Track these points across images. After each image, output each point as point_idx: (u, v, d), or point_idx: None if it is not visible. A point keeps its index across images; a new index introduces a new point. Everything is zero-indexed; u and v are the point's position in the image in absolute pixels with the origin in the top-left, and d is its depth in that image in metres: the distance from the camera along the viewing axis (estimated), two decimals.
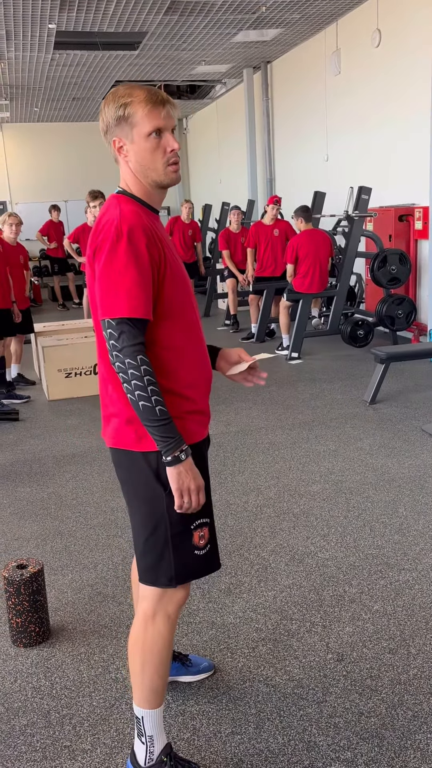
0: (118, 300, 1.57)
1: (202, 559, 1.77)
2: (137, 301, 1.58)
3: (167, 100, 1.68)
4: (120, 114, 1.65)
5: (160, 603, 1.78)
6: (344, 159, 8.84)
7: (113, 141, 1.70)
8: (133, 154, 1.68)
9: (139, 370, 1.57)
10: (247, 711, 2.15)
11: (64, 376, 5.96)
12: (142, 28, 8.39)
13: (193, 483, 1.66)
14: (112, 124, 1.68)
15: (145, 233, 1.61)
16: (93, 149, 15.28)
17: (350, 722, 2.08)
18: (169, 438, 1.61)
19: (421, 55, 6.84)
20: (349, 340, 7.02)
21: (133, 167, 1.70)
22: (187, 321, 1.73)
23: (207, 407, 1.81)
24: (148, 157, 1.67)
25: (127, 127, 1.66)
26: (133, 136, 1.66)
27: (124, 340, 1.57)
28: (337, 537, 3.23)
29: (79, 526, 3.51)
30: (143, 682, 1.79)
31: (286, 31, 8.90)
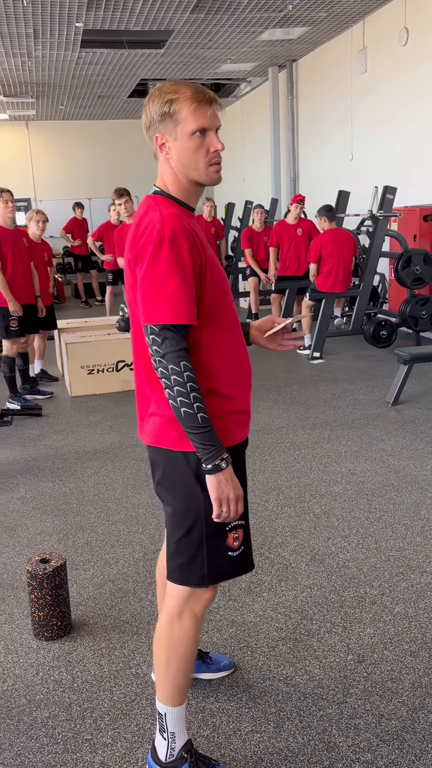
0: (161, 306, 1.56)
1: (234, 560, 1.77)
2: (180, 307, 1.57)
3: (214, 99, 1.65)
4: (165, 110, 1.62)
5: (188, 602, 1.78)
6: (369, 158, 8.78)
7: (155, 137, 1.67)
8: (175, 151, 1.65)
9: (182, 377, 1.56)
10: (266, 710, 2.16)
11: (86, 372, 5.99)
12: (168, 27, 8.41)
13: (233, 492, 1.64)
14: (156, 120, 1.64)
15: (186, 237, 1.60)
16: (117, 147, 15.36)
17: (371, 724, 2.08)
18: (209, 446, 1.59)
19: None
20: (371, 340, 6.98)
21: (174, 165, 1.67)
22: (227, 321, 1.72)
23: (248, 406, 1.81)
24: (191, 156, 1.64)
25: (171, 123, 1.63)
26: (177, 133, 1.63)
27: (167, 346, 1.57)
28: (358, 538, 3.22)
29: (100, 521, 3.54)
30: (167, 680, 1.80)
31: (312, 29, 8.86)
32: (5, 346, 5.57)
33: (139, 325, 1.66)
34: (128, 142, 15.41)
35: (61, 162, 15.25)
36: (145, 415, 1.79)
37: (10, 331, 5.47)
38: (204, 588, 1.77)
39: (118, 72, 10.75)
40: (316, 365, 6.71)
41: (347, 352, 7.19)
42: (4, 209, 5.32)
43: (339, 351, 7.26)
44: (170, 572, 1.78)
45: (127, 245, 1.68)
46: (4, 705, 2.23)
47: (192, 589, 1.77)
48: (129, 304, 1.74)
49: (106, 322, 7.11)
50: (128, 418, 5.30)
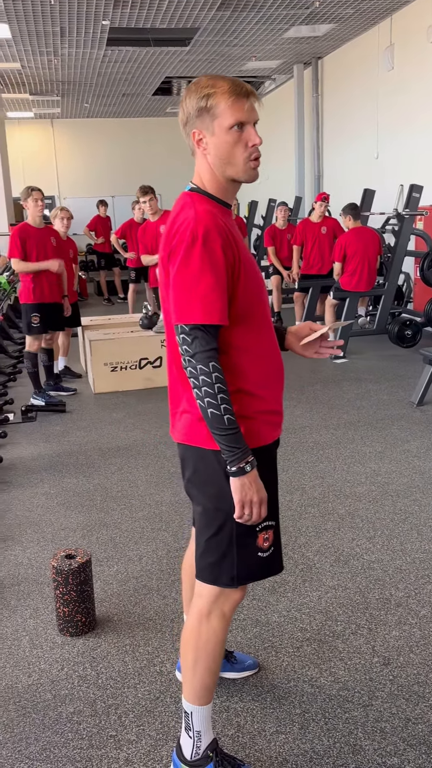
0: (192, 305, 1.55)
1: (264, 561, 1.75)
2: (212, 307, 1.56)
3: (251, 92, 1.62)
4: (202, 105, 1.60)
5: (216, 602, 1.77)
6: (395, 156, 8.70)
7: (193, 133, 1.65)
8: (212, 147, 1.63)
9: (210, 377, 1.55)
10: (291, 710, 2.15)
11: (110, 369, 6.02)
12: (194, 24, 8.40)
13: (256, 496, 1.62)
14: (193, 115, 1.62)
15: (220, 235, 1.57)
16: (141, 145, 15.40)
17: (397, 728, 2.06)
18: (235, 448, 1.58)
19: None
20: (396, 340, 6.92)
21: (212, 161, 1.65)
22: (260, 320, 1.70)
23: (280, 406, 1.79)
24: (229, 151, 1.62)
25: (208, 118, 1.61)
26: (214, 128, 1.61)
27: (197, 346, 1.56)
28: (383, 540, 3.19)
29: (124, 518, 3.55)
30: (194, 679, 1.80)
31: (338, 26, 8.81)
32: (28, 342, 5.60)
33: (171, 324, 1.65)
34: (152, 139, 15.44)
35: (85, 160, 15.33)
36: (176, 413, 1.78)
37: (32, 327, 5.50)
38: (233, 588, 1.76)
39: (143, 70, 10.77)
40: (340, 365, 6.67)
41: (371, 352, 7.14)
42: (34, 208, 5.35)
43: (363, 350, 7.21)
44: (199, 571, 1.78)
45: (161, 243, 1.68)
46: (30, 699, 2.25)
47: (221, 588, 1.76)
48: (162, 303, 1.73)
49: (130, 320, 7.13)
50: (151, 415, 5.31)
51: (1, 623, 2.68)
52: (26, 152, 14.99)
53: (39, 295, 5.46)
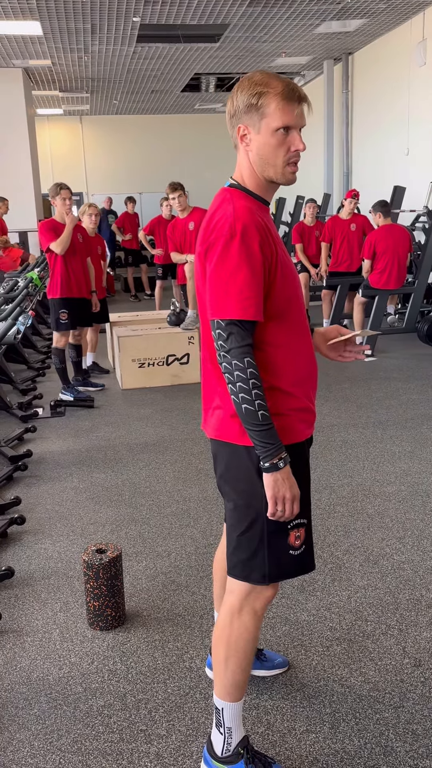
0: (229, 301, 1.56)
1: (296, 559, 1.75)
2: (248, 302, 1.56)
3: (304, 98, 1.64)
4: (252, 102, 1.60)
5: (248, 599, 1.77)
6: (426, 153, 8.60)
7: (239, 127, 1.66)
8: (256, 145, 1.64)
9: (245, 373, 1.56)
10: (321, 710, 2.14)
11: (137, 366, 6.04)
12: (224, 21, 8.38)
13: (289, 492, 1.62)
14: (242, 110, 1.63)
15: (258, 231, 1.58)
16: (169, 142, 15.42)
17: (429, 730, 2.04)
18: (269, 444, 1.58)
19: None
20: (426, 338, 6.85)
21: (253, 158, 1.66)
22: (295, 318, 1.71)
23: (313, 404, 1.79)
24: (271, 152, 1.63)
25: (256, 116, 1.62)
26: (261, 127, 1.62)
27: (233, 342, 1.56)
28: (413, 540, 3.16)
29: (152, 513, 3.56)
30: (226, 675, 1.80)
31: (370, 21, 8.72)
32: (55, 338, 5.65)
33: (207, 319, 1.66)
34: (180, 136, 15.46)
35: (113, 156, 15.40)
36: (209, 408, 1.78)
37: (60, 323, 5.54)
38: (265, 585, 1.76)
39: (172, 66, 10.77)
40: (368, 363, 6.62)
41: (400, 351, 7.07)
42: (62, 206, 5.39)
43: (392, 349, 7.14)
44: (231, 568, 1.77)
45: (198, 238, 1.69)
46: (61, 692, 2.27)
47: (252, 585, 1.76)
48: (198, 297, 1.74)
49: (157, 316, 7.15)
50: (178, 412, 5.32)
51: (32, 616, 2.70)
52: (55, 149, 15.10)
53: (67, 290, 5.50)
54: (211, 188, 13.86)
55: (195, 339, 6.15)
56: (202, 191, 14.94)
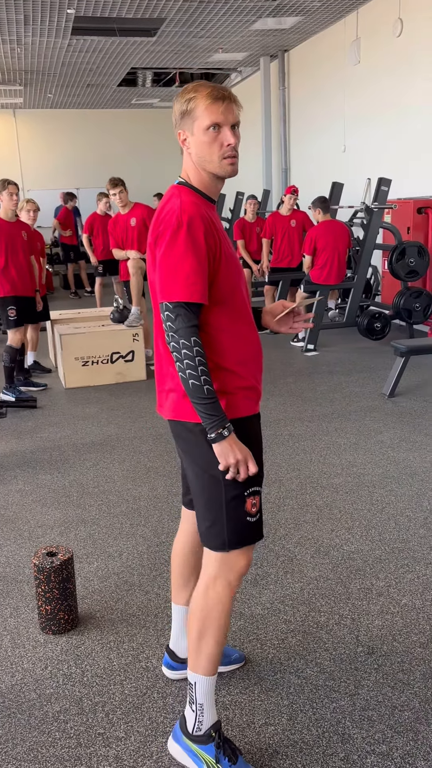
0: (176, 285, 1.69)
1: (252, 526, 1.84)
2: (194, 288, 1.69)
3: (228, 96, 1.75)
4: (184, 108, 1.76)
5: (222, 569, 1.85)
6: (362, 150, 8.77)
7: (179, 133, 1.81)
8: (193, 146, 1.78)
9: (191, 351, 1.68)
10: (279, 702, 2.16)
11: (81, 364, 5.95)
12: (161, 15, 8.32)
13: (239, 454, 1.73)
14: (178, 118, 1.79)
15: (203, 223, 1.72)
16: (106, 137, 15.22)
17: (384, 716, 2.08)
18: (213, 416, 1.70)
19: None
20: (365, 332, 6.99)
21: (194, 159, 1.80)
22: (239, 305, 1.83)
23: (258, 384, 1.90)
24: (206, 150, 1.76)
25: (189, 120, 1.77)
26: (194, 128, 1.76)
27: (180, 322, 1.68)
28: (361, 530, 3.23)
29: (102, 514, 3.52)
30: (199, 648, 1.86)
31: (305, 19, 8.81)
32: (10, 336, 5.52)
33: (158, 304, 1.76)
34: (118, 131, 15.28)
35: (49, 151, 15.09)
36: (163, 390, 1.89)
37: (10, 320, 5.43)
38: (228, 553, 1.83)
39: (109, 60, 10.63)
40: (311, 357, 6.71)
41: (341, 345, 7.20)
42: (8, 201, 5.29)
43: (333, 343, 7.27)
44: (201, 537, 1.87)
45: (150, 230, 1.80)
46: (14, 699, 2.21)
47: (225, 556, 1.83)
48: (150, 285, 1.84)
49: (100, 314, 7.06)
50: (124, 410, 5.27)
51: None
52: None
53: (11, 288, 5.40)
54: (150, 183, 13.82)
55: (140, 336, 6.10)
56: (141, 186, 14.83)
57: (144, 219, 6.23)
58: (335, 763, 1.91)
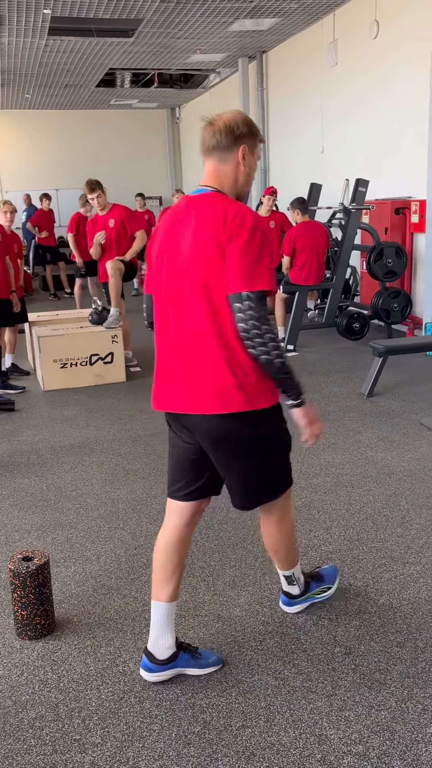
0: (260, 276, 1.94)
1: (289, 474, 2.33)
2: (272, 279, 1.97)
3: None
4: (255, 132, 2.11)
5: (281, 510, 2.35)
6: (340, 151, 8.81)
7: (242, 147, 2.07)
8: (247, 166, 2.10)
9: (273, 333, 1.97)
10: (256, 704, 2.15)
11: (59, 366, 5.91)
12: (137, 15, 8.30)
13: (315, 414, 2.15)
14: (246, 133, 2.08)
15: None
16: (85, 137, 15.15)
17: (361, 716, 2.08)
18: (297, 384, 2.05)
19: (419, 47, 6.81)
20: (344, 332, 7.02)
21: (242, 175, 2.11)
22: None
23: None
24: (252, 175, 2.15)
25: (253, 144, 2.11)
26: (254, 154, 2.12)
27: (262, 309, 1.94)
28: (340, 530, 3.24)
29: (80, 517, 3.49)
30: (288, 556, 2.47)
31: (282, 20, 8.84)
32: None
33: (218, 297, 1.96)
34: (97, 132, 15.22)
35: (27, 152, 14.99)
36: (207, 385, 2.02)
37: None
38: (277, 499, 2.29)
39: (86, 61, 10.58)
40: (290, 358, 6.72)
41: (320, 345, 7.22)
42: None
43: (312, 344, 7.29)
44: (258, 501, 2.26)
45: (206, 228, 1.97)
46: None
47: (277, 502, 2.30)
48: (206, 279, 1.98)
49: (79, 315, 7.02)
50: (103, 412, 5.24)
51: None
52: None
53: None
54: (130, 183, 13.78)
55: (119, 338, 6.07)
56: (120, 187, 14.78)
57: (122, 220, 6.21)
58: (312, 765, 1.91)
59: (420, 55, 6.82)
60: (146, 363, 6.65)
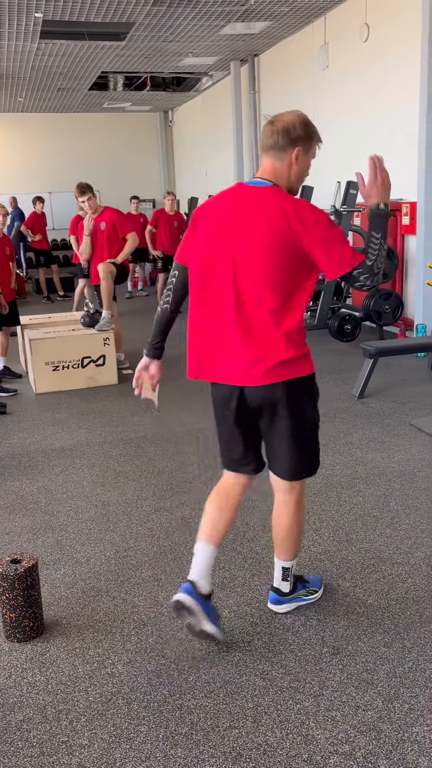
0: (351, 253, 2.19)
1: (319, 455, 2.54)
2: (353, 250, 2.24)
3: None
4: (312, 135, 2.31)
5: (302, 490, 2.50)
6: (332, 153, 8.83)
7: (298, 149, 2.27)
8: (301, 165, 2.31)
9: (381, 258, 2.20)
10: (244, 705, 2.16)
11: (51, 369, 5.91)
12: (129, 19, 8.32)
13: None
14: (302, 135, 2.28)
15: None
16: (78, 140, 15.16)
17: (347, 716, 2.09)
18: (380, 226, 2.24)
19: (409, 50, 6.85)
20: (336, 334, 7.04)
21: (294, 174, 2.31)
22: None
23: None
24: (304, 174, 2.35)
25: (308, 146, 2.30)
26: (309, 154, 2.33)
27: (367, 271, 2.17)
28: (329, 531, 3.25)
29: (70, 520, 3.49)
30: (296, 544, 2.53)
31: (274, 24, 8.87)
32: None
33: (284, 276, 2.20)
34: (90, 135, 15.23)
35: (20, 155, 14.98)
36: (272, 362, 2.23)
37: None
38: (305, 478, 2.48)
39: (79, 64, 10.59)
40: None
41: (312, 347, 7.12)
42: None
43: None
44: (294, 472, 2.42)
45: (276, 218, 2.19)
46: None
47: (303, 481, 2.48)
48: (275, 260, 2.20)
49: (71, 318, 7.02)
50: (95, 414, 5.24)
51: None
52: None
53: None
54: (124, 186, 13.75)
55: (111, 340, 6.07)
56: (116, 190, 14.80)
57: (114, 223, 6.21)
58: (298, 764, 1.92)
59: (410, 58, 6.85)
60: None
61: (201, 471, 4.03)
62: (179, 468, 4.11)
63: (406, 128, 7.07)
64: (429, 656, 2.33)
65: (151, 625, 2.58)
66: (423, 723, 2.05)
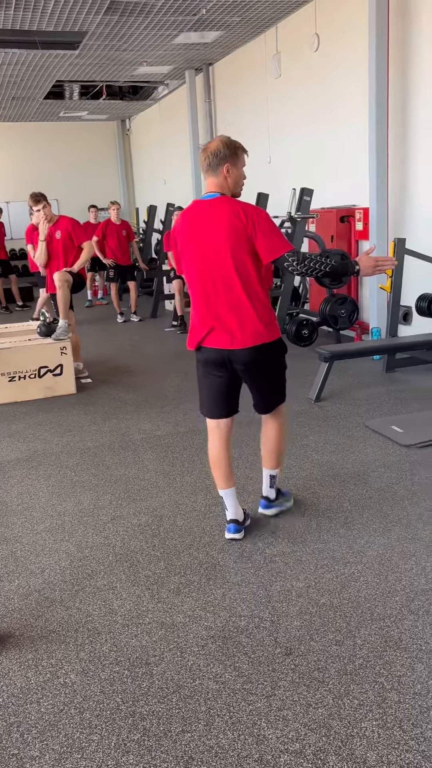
0: (287, 242, 2.91)
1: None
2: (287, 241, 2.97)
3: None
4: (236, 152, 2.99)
5: (282, 411, 3.31)
6: (286, 161, 8.95)
7: (226, 165, 2.96)
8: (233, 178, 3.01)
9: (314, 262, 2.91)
10: (197, 709, 2.16)
11: (7, 380, 5.84)
12: (81, 28, 8.31)
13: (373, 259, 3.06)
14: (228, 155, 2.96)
15: None
16: (34, 150, 15.06)
17: (298, 714, 2.12)
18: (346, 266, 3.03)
19: (358, 60, 6.98)
20: (294, 339, 7.11)
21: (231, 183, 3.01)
22: None
23: None
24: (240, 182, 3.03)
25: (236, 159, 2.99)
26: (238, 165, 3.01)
27: (298, 258, 2.88)
28: (284, 533, 3.28)
29: (25, 531, 3.46)
30: (282, 453, 3.38)
31: (226, 33, 8.96)
32: None
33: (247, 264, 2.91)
34: (47, 144, 15.14)
35: None
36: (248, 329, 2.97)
37: None
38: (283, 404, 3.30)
39: (33, 73, 10.53)
40: None
41: None
42: None
43: None
44: (273, 405, 3.26)
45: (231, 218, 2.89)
46: None
47: (283, 405, 3.29)
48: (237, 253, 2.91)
49: (27, 328, 6.95)
50: (52, 425, 5.20)
51: None
52: None
53: None
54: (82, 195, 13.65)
55: (68, 349, 6.04)
56: (73, 198, 14.73)
57: (69, 232, 6.19)
58: (249, 765, 1.93)
59: (358, 66, 6.98)
60: (97, 374, 6.62)
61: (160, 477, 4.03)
62: (137, 476, 4.11)
63: (357, 135, 7.20)
64: (378, 652, 2.37)
65: (106, 633, 2.58)
66: (372, 718, 2.08)
